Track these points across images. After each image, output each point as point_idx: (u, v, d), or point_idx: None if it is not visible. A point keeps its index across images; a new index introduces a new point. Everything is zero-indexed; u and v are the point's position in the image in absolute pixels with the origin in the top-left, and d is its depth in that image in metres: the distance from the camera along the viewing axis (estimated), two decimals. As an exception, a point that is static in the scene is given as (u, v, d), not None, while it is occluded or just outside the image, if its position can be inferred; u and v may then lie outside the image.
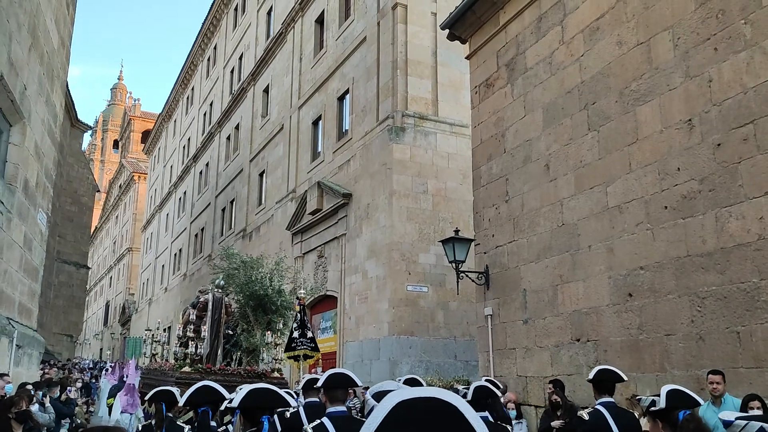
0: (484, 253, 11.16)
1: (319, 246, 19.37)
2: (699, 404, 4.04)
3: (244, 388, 3.81)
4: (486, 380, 6.16)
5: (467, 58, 12.50)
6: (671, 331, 7.49)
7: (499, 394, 6.94)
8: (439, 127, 16.74)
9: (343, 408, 4.13)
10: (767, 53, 6.72)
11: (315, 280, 19.32)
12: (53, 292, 33.56)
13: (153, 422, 5.43)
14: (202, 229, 34.71)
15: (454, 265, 10.99)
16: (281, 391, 3.89)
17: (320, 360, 11.73)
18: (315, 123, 21.51)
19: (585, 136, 9.12)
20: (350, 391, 8.01)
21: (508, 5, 11.08)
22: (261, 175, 26.32)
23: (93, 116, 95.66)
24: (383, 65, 17.27)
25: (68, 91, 28.27)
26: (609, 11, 8.95)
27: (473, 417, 1.17)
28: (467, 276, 11.04)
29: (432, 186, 16.31)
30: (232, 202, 30.02)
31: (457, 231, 11.43)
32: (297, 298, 11.67)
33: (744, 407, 5.93)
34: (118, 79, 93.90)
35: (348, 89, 19.17)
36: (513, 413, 7.76)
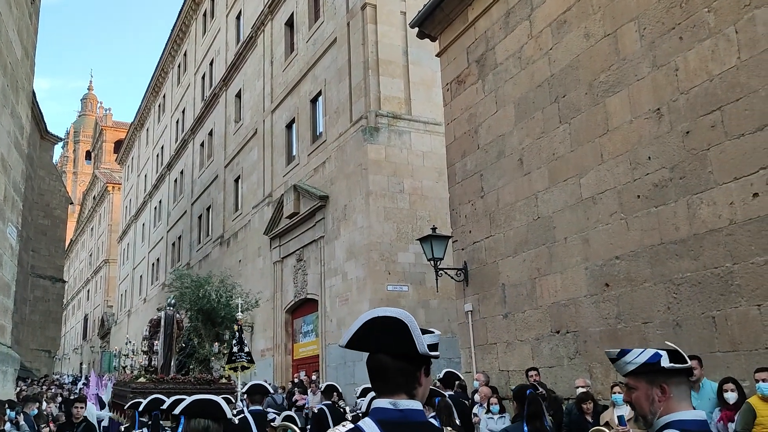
0: (462, 249, 11.17)
1: (298, 249, 19.26)
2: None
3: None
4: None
5: (438, 55, 12.51)
6: (648, 318, 7.55)
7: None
8: (412, 125, 16.73)
9: (259, 407, 6.35)
10: (731, 40, 6.80)
11: (295, 284, 19.23)
12: (29, 307, 32.98)
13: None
14: (180, 238, 34.35)
15: (432, 262, 10.96)
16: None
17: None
18: (288, 126, 21.39)
19: (557, 129, 9.17)
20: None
21: (476, 1, 11.11)
22: (236, 180, 26.12)
23: (64, 128, 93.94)
24: (354, 66, 17.22)
25: (36, 103, 27.80)
26: (575, 4, 9.00)
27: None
28: (446, 273, 11.03)
29: (408, 185, 16.29)
30: (208, 209, 29.74)
31: (434, 229, 11.39)
32: (236, 319, 12.50)
33: (720, 390, 6.00)
34: (88, 89, 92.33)
35: (320, 91, 19.09)
36: (496, 408, 7.75)
